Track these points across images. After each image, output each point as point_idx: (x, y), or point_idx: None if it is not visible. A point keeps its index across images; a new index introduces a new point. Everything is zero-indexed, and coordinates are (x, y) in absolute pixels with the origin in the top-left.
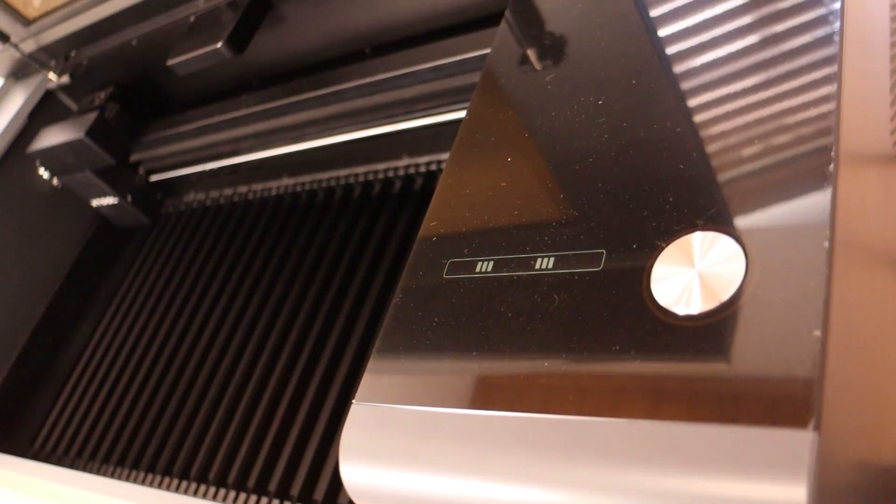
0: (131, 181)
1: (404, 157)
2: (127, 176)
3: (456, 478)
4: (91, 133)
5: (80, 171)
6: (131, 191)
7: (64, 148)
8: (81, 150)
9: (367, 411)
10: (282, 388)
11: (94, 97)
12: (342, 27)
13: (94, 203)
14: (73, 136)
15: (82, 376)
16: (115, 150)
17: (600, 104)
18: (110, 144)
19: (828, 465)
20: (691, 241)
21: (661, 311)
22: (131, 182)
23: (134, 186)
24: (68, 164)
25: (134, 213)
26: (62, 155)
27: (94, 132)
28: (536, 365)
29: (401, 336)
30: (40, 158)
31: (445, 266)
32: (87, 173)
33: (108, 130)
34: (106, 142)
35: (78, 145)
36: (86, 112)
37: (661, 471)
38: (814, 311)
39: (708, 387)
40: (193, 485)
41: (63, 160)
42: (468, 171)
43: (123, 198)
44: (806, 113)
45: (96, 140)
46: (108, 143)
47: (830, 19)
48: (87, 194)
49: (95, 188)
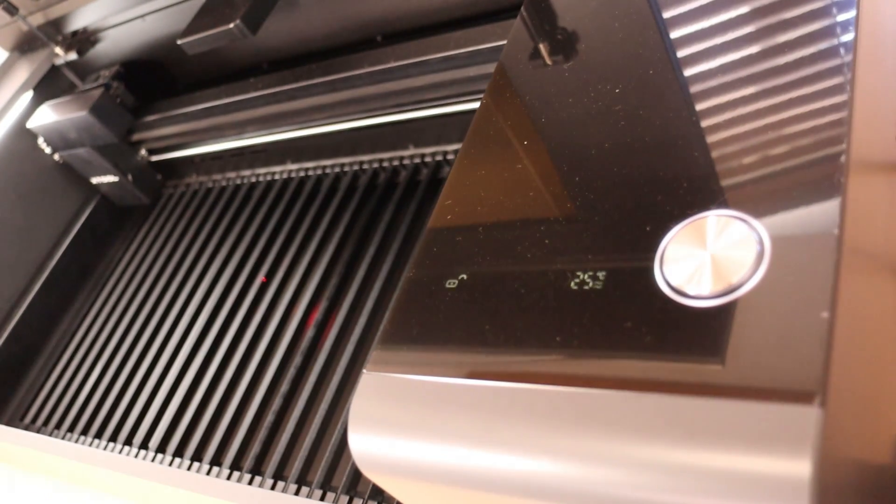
0: (132, 160)
1: (410, 147)
2: (128, 155)
3: (466, 448)
4: (95, 109)
5: (82, 147)
6: (132, 170)
7: (66, 123)
8: (84, 126)
9: (378, 380)
10: (268, 371)
11: (100, 74)
12: (355, 14)
13: (95, 180)
14: (77, 112)
15: (76, 352)
16: (118, 128)
17: (617, 93)
18: (114, 122)
19: (831, 443)
20: (705, 224)
21: (673, 290)
22: (132, 161)
23: (135, 165)
24: (70, 140)
25: (134, 192)
26: (65, 130)
27: (98, 109)
28: (548, 338)
29: (413, 307)
30: (42, 133)
31: (460, 244)
32: (89, 150)
33: (113, 108)
34: (109, 119)
35: (81, 121)
36: (90, 88)
37: (668, 444)
38: (822, 294)
39: (716, 363)
40: (187, 462)
41: (65, 135)
42: (487, 151)
43: (124, 176)
44: (820, 103)
45: (100, 117)
46: (112, 120)
47: (846, 27)
48: (87, 171)
49: (96, 165)
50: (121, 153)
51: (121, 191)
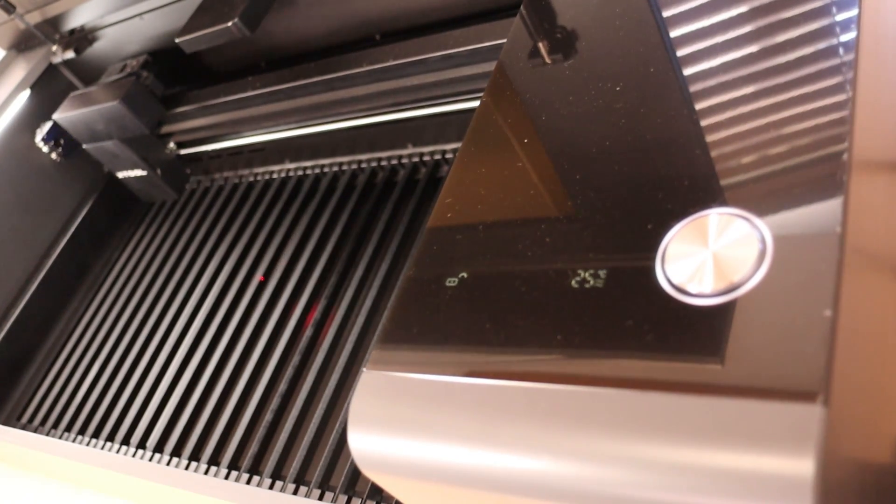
0: (161, 153)
1: (409, 146)
2: (157, 148)
3: (466, 447)
4: (126, 99)
5: (109, 140)
6: (161, 164)
7: (94, 114)
8: (114, 117)
9: (378, 379)
10: (266, 370)
11: (126, 64)
12: (353, 12)
13: (121, 175)
14: (107, 102)
15: (73, 351)
16: (149, 119)
17: (617, 91)
18: (145, 113)
19: (833, 442)
20: (707, 222)
21: (674, 288)
22: (161, 154)
23: (164, 159)
24: (97, 132)
25: (162, 186)
26: (92, 122)
27: (130, 99)
28: (549, 336)
29: (413, 306)
30: (67, 124)
31: (461, 242)
32: (117, 142)
33: (144, 98)
34: (141, 110)
35: (111, 111)
36: (119, 78)
37: (670, 443)
38: (825, 292)
39: (718, 362)
40: (185, 462)
41: (92, 127)
42: (488, 150)
43: (153, 170)
44: (822, 101)
45: (131, 107)
46: (144, 111)
47: (849, 25)
48: (114, 165)
49: (124, 159)
50: (150, 146)
51: (148, 185)
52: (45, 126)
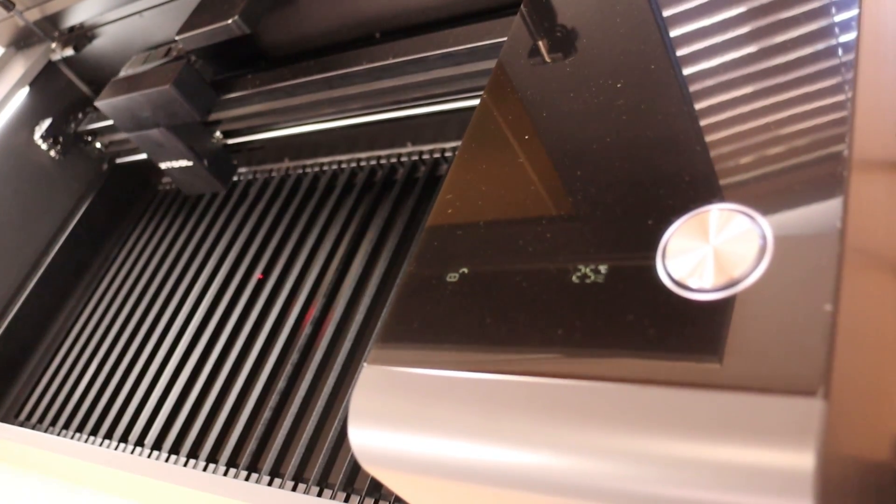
0: (208, 143)
1: (408, 145)
2: (205, 136)
3: (467, 442)
4: (178, 84)
5: (155, 128)
6: (208, 154)
7: (141, 99)
8: (163, 103)
9: (378, 374)
10: (265, 368)
11: (171, 48)
12: (353, 10)
13: (164, 165)
14: (157, 87)
15: (72, 349)
16: (200, 106)
17: (618, 87)
18: (197, 98)
19: (833, 436)
20: (707, 217)
21: (675, 283)
22: (209, 144)
23: (211, 149)
24: (141, 120)
25: (209, 177)
26: (137, 108)
27: (182, 83)
28: (550, 331)
29: (414, 301)
30: (109, 111)
31: (461, 238)
32: (163, 130)
33: (197, 82)
34: (193, 95)
35: (161, 96)
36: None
37: (671, 436)
38: (825, 287)
39: (718, 356)
40: (183, 459)
41: (137, 114)
42: (488, 146)
43: (200, 161)
44: (823, 99)
45: (183, 92)
46: (195, 96)
47: (849, 25)
48: (157, 155)
49: (169, 148)
50: (197, 135)
51: (193, 177)
52: (43, 123)
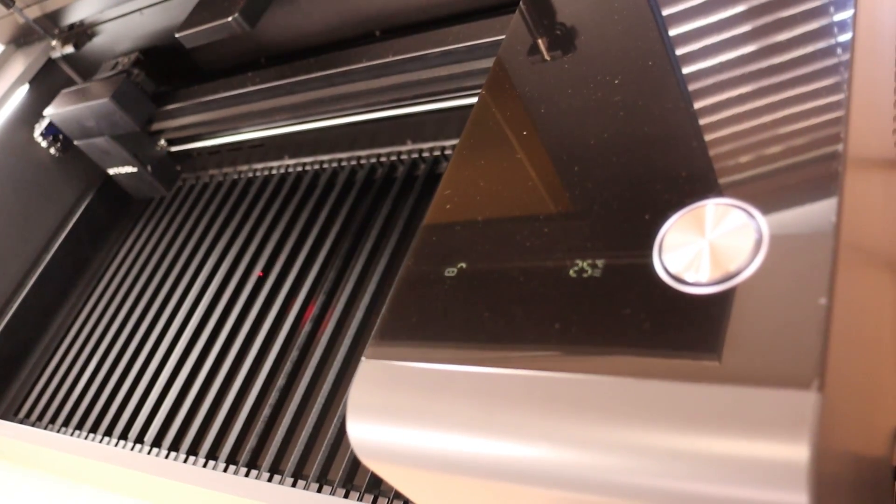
0: (152, 150)
1: (408, 142)
2: (148, 144)
3: (465, 435)
4: (117, 96)
5: (100, 137)
6: (151, 161)
7: (86, 111)
8: (105, 114)
9: (377, 368)
10: (265, 365)
11: (118, 62)
12: (353, 8)
13: (112, 171)
14: (98, 99)
15: (71, 346)
16: (139, 117)
17: (616, 84)
18: (136, 110)
19: (828, 430)
20: (703, 212)
21: (671, 277)
22: (152, 151)
23: (154, 156)
24: (88, 129)
25: (153, 183)
26: (83, 118)
27: (120, 96)
28: (547, 325)
29: (412, 295)
30: (59, 121)
31: (459, 233)
32: (108, 139)
33: (135, 95)
34: (132, 107)
35: (102, 108)
36: (111, 75)
37: (666, 429)
38: (820, 281)
39: (714, 349)
40: (183, 456)
41: (83, 124)
42: (487, 143)
43: (143, 167)
44: (819, 98)
45: (122, 104)
46: (134, 108)
47: (845, 25)
48: (104, 162)
49: (115, 155)
50: (140, 143)
51: (139, 182)
52: (43, 121)
